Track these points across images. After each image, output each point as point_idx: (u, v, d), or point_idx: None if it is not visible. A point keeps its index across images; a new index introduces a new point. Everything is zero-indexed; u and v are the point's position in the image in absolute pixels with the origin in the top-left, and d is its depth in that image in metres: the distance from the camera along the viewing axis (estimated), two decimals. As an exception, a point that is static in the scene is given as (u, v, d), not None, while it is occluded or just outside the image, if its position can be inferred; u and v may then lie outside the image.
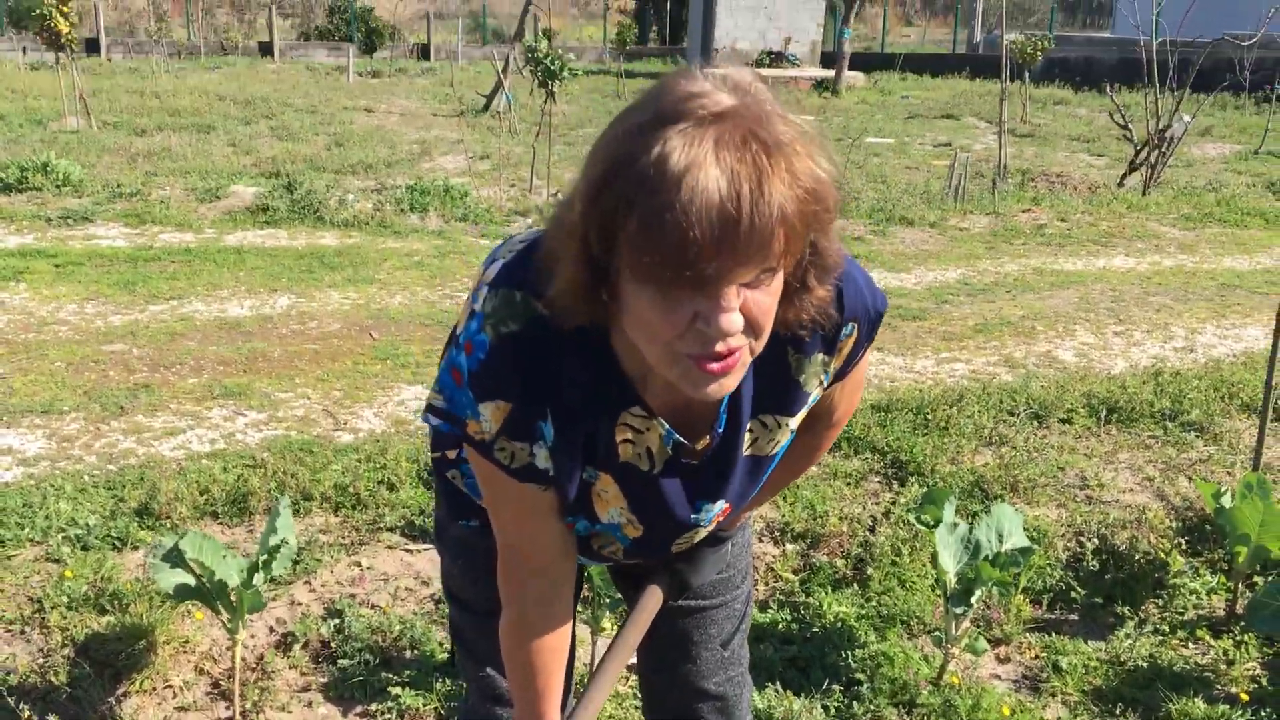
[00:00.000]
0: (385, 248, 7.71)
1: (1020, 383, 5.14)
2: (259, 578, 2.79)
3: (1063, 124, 17.33)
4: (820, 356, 1.44)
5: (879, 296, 1.47)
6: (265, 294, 6.43)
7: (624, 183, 1.10)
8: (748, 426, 1.46)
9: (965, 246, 8.35)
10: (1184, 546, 3.66)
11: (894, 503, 3.90)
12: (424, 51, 30.05)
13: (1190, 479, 4.16)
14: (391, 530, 3.63)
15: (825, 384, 1.49)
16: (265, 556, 2.80)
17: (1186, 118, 11.21)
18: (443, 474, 1.71)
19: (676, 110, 1.11)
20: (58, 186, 8.85)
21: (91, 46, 25.40)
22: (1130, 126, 11.38)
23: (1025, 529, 3.34)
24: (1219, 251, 8.42)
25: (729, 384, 1.22)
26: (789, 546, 3.66)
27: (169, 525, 3.55)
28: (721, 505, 1.53)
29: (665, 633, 1.81)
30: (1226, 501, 3.28)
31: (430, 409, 1.38)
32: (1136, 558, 3.57)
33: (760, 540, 3.70)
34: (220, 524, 3.63)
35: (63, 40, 13.79)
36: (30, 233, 7.73)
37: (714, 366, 1.19)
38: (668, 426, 1.41)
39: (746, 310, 1.16)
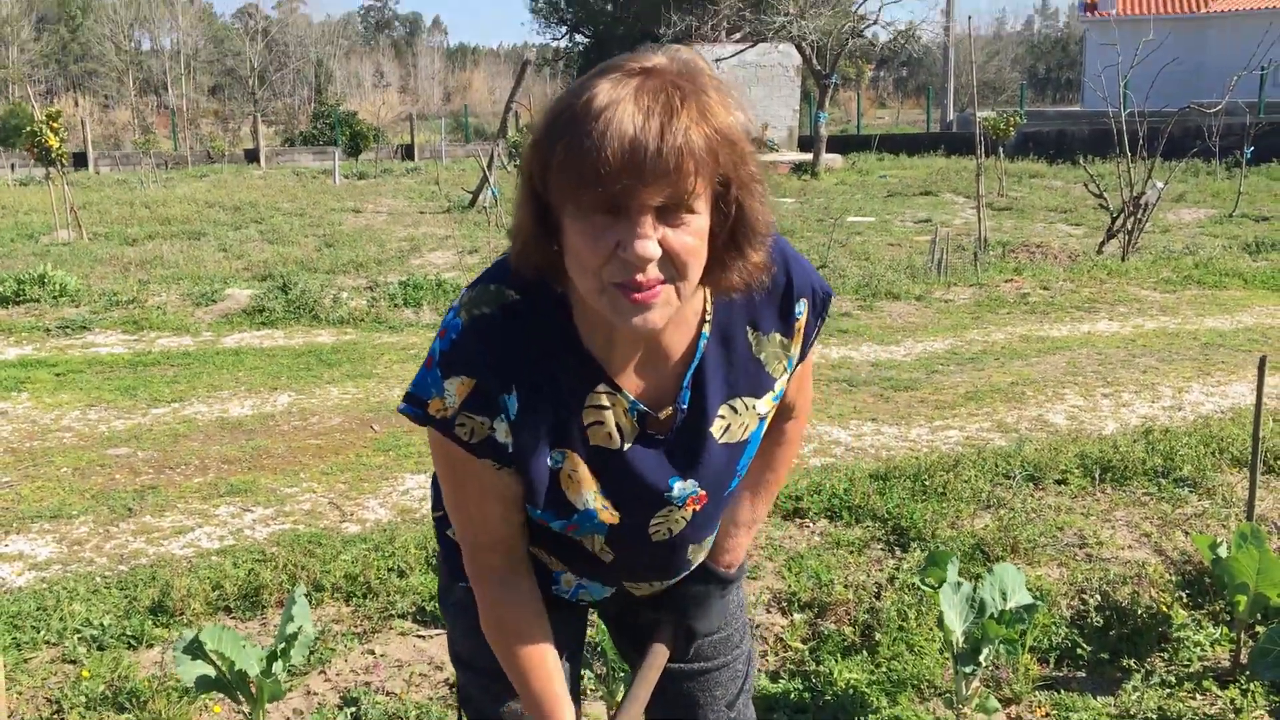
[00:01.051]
0: (381, 343, 7.81)
1: (1014, 447, 5.22)
2: (278, 666, 2.83)
3: (1039, 196, 17.66)
4: (778, 337, 1.54)
5: (824, 281, 1.58)
6: (265, 393, 6.51)
7: (557, 122, 1.27)
8: (719, 412, 1.52)
9: (952, 318, 8.49)
10: (1185, 599, 3.71)
11: (897, 568, 3.95)
12: (408, 152, 30.57)
13: (1186, 533, 4.22)
14: (403, 617, 3.66)
15: (788, 369, 1.57)
16: (283, 645, 2.84)
17: (1159, 184, 11.47)
18: (443, 533, 1.77)
19: (614, 67, 1.29)
20: (55, 297, 8.97)
21: (79, 160, 25.79)
22: (1105, 195, 11.63)
23: (1028, 588, 3.39)
24: (1200, 312, 8.58)
25: (654, 318, 1.31)
26: (796, 616, 3.70)
27: (183, 622, 3.58)
28: (695, 488, 1.55)
29: (670, 698, 1.83)
30: (1223, 552, 3.34)
31: (404, 399, 1.45)
32: (1139, 612, 3.62)
33: (768, 611, 3.74)
34: (234, 618, 3.66)
35: (53, 155, 14.07)
36: (30, 343, 7.83)
37: (637, 296, 1.28)
38: (632, 398, 1.47)
39: (666, 245, 1.27)
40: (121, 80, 48.72)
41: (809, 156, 23.48)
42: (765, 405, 1.57)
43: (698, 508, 1.58)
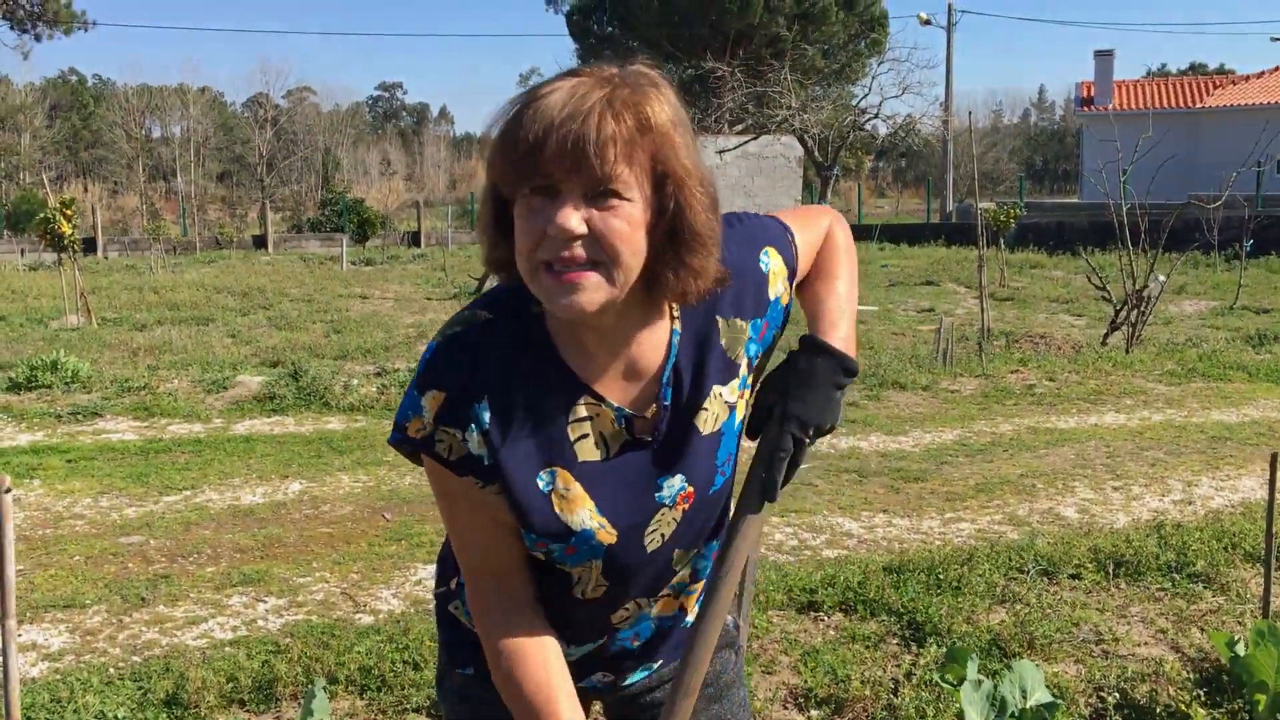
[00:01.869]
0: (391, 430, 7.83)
1: (1026, 540, 5.23)
2: (298, 762, 2.82)
3: (1040, 286, 17.83)
4: (739, 322, 1.54)
5: (766, 218, 1.64)
6: (277, 480, 6.53)
7: (505, 110, 1.36)
8: (703, 404, 1.52)
9: (959, 408, 8.53)
10: (1203, 698, 3.69)
11: (914, 664, 3.93)
12: (414, 238, 30.90)
13: (1202, 629, 4.21)
14: (418, 711, 3.64)
15: (757, 348, 1.57)
16: (304, 740, 2.83)
17: (1161, 277, 11.59)
18: (445, 609, 1.73)
19: (572, 70, 1.38)
20: (66, 383, 9.02)
21: (89, 246, 26.06)
22: (1108, 288, 11.74)
23: (1046, 685, 3.38)
24: (1206, 405, 8.61)
25: (581, 300, 1.33)
26: (813, 713, 3.68)
27: (198, 715, 3.56)
28: (684, 483, 1.54)
29: None
30: (1240, 650, 3.34)
31: (392, 430, 1.47)
32: (1158, 711, 3.60)
33: (784, 707, 3.72)
34: (248, 711, 3.64)
35: (65, 242, 14.24)
36: (41, 429, 7.86)
37: (566, 276, 1.32)
38: (617, 405, 1.47)
39: (593, 226, 1.32)
40: (131, 167, 49.43)
41: (811, 246, 23.72)
42: (732, 394, 1.55)
43: (686, 506, 1.55)
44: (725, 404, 1.55)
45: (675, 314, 1.50)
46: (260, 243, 29.64)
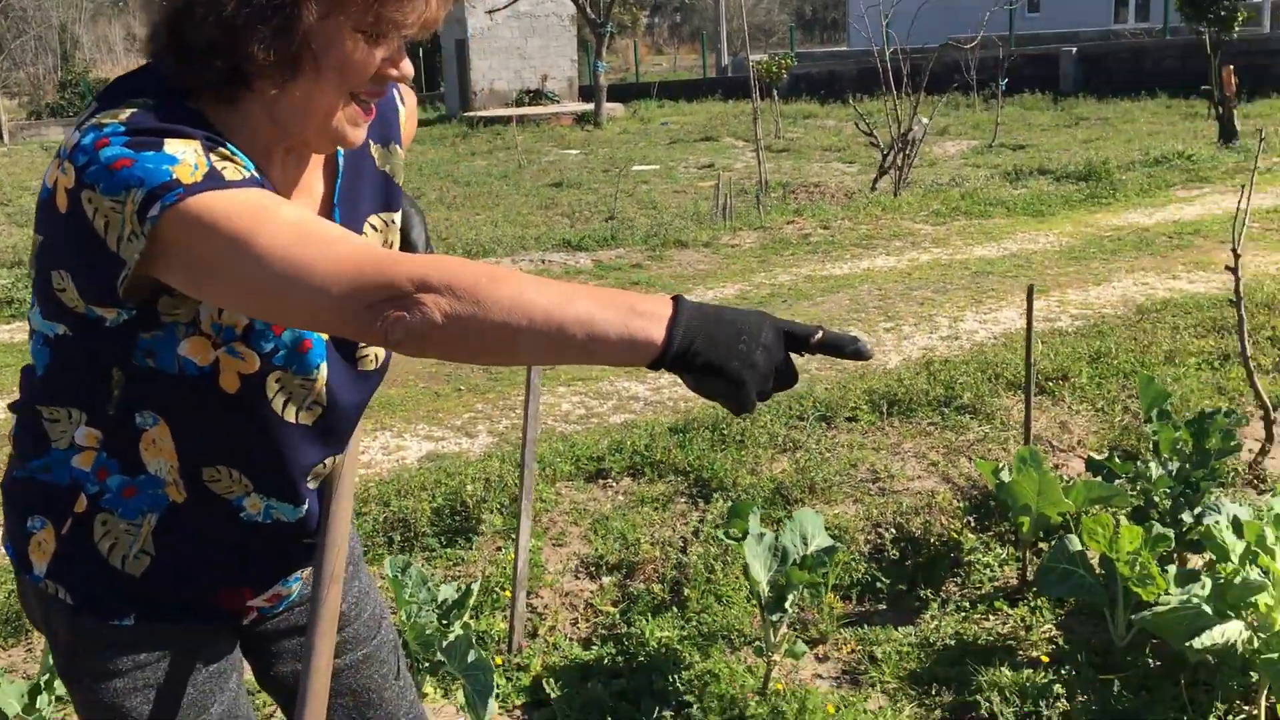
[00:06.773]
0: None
1: (805, 388, 5.32)
2: (42, 700, 2.60)
3: (814, 136, 18.14)
4: (396, 147, 1.59)
5: None
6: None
7: None
8: (367, 225, 1.53)
9: (739, 262, 8.61)
10: (973, 524, 3.86)
11: (702, 520, 3.96)
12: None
13: (970, 459, 4.39)
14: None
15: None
16: (46, 676, 2.61)
17: (924, 120, 11.91)
18: (80, 540, 1.39)
19: None
20: None
21: None
22: (875, 133, 12.00)
23: (827, 528, 3.45)
24: (969, 242, 8.96)
25: (363, 134, 1.39)
26: (605, 579, 3.67)
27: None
28: None
29: (345, 697, 1.72)
30: (1005, 476, 3.47)
31: (148, 200, 1.18)
32: (932, 541, 3.75)
33: (576, 576, 3.70)
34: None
35: None
36: None
37: (367, 111, 1.36)
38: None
39: None
40: None
41: (590, 107, 23.44)
42: (390, 222, 1.59)
43: None
44: (384, 232, 1.55)
45: None
46: (-7, 132, 27.19)
